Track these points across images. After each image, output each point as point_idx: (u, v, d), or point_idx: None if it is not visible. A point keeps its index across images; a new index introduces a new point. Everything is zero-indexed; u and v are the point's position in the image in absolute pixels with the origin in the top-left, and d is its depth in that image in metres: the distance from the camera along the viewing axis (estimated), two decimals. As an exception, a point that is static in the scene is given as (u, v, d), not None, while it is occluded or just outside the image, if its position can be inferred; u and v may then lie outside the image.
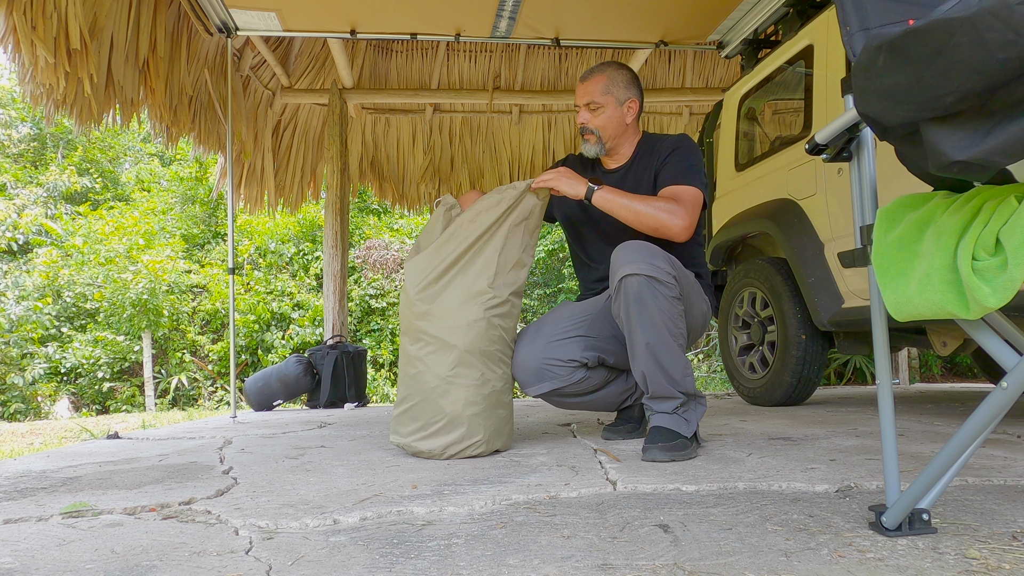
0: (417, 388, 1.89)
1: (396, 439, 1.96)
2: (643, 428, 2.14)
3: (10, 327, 8.59)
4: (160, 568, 0.98)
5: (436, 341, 1.87)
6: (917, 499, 1.01)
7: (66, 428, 5.51)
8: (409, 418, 1.91)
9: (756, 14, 3.77)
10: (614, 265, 1.81)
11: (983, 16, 0.68)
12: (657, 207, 1.90)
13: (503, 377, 1.94)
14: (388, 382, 9.30)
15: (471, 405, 1.85)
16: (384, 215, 11.62)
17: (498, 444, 1.93)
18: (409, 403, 1.91)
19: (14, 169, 11.35)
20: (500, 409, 1.93)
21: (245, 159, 5.17)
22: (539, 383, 1.96)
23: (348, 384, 4.43)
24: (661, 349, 1.77)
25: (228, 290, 5.00)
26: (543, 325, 2.03)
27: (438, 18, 4.00)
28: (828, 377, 5.82)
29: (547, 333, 1.99)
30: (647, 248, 1.79)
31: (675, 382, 1.80)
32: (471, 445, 1.86)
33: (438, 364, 1.86)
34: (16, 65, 3.07)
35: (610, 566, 0.94)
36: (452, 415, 1.84)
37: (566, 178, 1.93)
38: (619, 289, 1.79)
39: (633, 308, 1.76)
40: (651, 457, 1.74)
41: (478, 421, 1.86)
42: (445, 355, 1.86)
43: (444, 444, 1.85)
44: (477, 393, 1.86)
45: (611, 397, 2.13)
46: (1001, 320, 0.94)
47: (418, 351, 1.89)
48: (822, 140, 1.10)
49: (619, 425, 2.19)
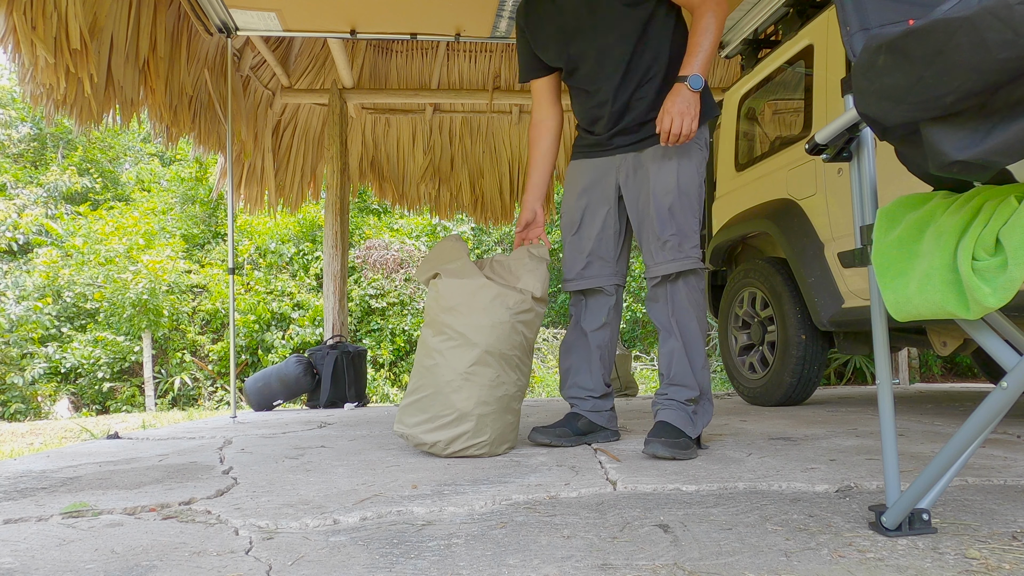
0: (431, 380, 1.89)
1: (400, 428, 1.95)
2: (573, 439, 2.03)
3: (10, 327, 8.59)
4: (160, 568, 0.98)
5: (459, 337, 1.88)
6: (917, 499, 1.01)
7: (66, 428, 5.51)
8: (418, 409, 1.91)
9: (756, 14, 3.77)
10: (648, 249, 1.97)
11: (983, 16, 0.68)
12: (715, 31, 1.84)
13: (517, 383, 1.96)
14: (388, 382, 9.30)
15: (482, 404, 1.86)
16: (384, 215, 11.62)
17: (501, 450, 1.94)
18: (420, 394, 1.91)
19: (14, 169, 11.35)
20: (509, 415, 1.95)
21: (245, 159, 5.17)
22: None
23: (348, 384, 4.43)
24: (692, 338, 1.94)
25: (228, 290, 5.00)
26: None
27: (438, 18, 4.00)
28: (828, 377, 5.82)
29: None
30: (679, 222, 1.92)
31: (696, 372, 1.93)
32: (475, 444, 1.87)
33: (457, 359, 1.87)
34: (16, 65, 3.07)
35: (610, 566, 0.94)
36: (462, 411, 1.85)
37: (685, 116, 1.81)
38: (662, 286, 1.98)
39: (676, 306, 1.96)
40: (652, 451, 1.75)
41: (486, 421, 1.87)
42: (465, 351, 1.87)
43: (449, 438, 1.85)
44: (490, 394, 1.87)
45: (609, 352, 2.13)
46: (1001, 320, 0.94)
47: (439, 343, 1.90)
48: (822, 140, 1.10)
49: (554, 428, 2.05)
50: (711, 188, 3.91)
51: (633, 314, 10.34)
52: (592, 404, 2.09)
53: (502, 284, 1.96)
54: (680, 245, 1.93)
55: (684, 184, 1.93)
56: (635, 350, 10.01)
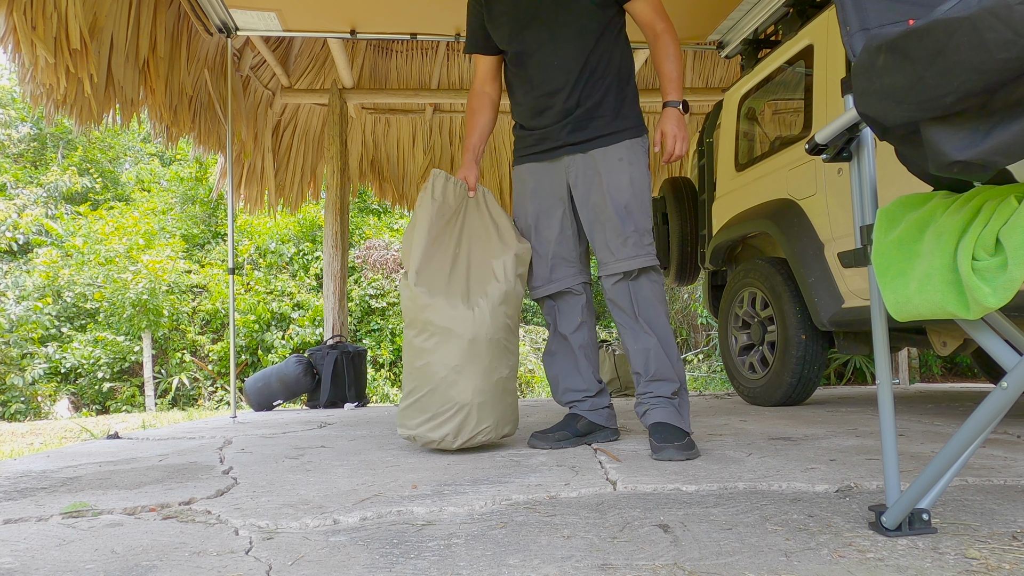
0: (425, 379, 1.89)
1: (404, 432, 1.96)
2: (574, 441, 2.04)
3: (10, 327, 8.59)
4: (160, 568, 0.98)
5: (442, 331, 1.87)
6: (917, 499, 1.01)
7: (66, 428, 5.51)
8: (417, 410, 1.91)
9: (756, 14, 3.77)
10: (605, 246, 1.98)
11: (983, 16, 0.68)
12: (678, 56, 1.98)
13: (509, 364, 1.97)
14: (388, 382, 9.30)
15: (480, 393, 1.87)
16: (384, 215, 11.62)
17: (506, 429, 1.96)
18: (417, 395, 1.91)
19: (14, 169, 11.35)
20: (508, 396, 1.96)
21: (245, 159, 5.17)
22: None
23: (348, 384, 4.43)
24: (664, 332, 1.97)
25: (228, 290, 5.00)
26: None
27: (438, 18, 4.00)
28: (828, 377, 5.82)
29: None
30: (636, 220, 1.96)
31: (674, 364, 1.97)
32: (481, 431, 1.89)
33: (446, 354, 1.87)
34: (16, 65, 3.07)
35: (610, 566, 0.94)
36: (462, 403, 1.86)
37: (684, 138, 1.94)
38: (623, 284, 1.98)
39: (642, 303, 1.98)
40: (668, 456, 1.76)
41: (487, 408, 1.88)
42: (453, 345, 1.87)
43: (455, 431, 1.86)
44: (485, 381, 1.88)
45: (592, 349, 2.16)
46: (1001, 320, 0.94)
47: (423, 342, 1.90)
48: (822, 140, 1.10)
49: (553, 432, 2.04)
50: (711, 188, 3.91)
51: (633, 314, 10.31)
52: (590, 404, 2.10)
53: (475, 274, 1.96)
54: (640, 242, 1.97)
55: (637, 183, 1.99)
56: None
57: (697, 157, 4.17)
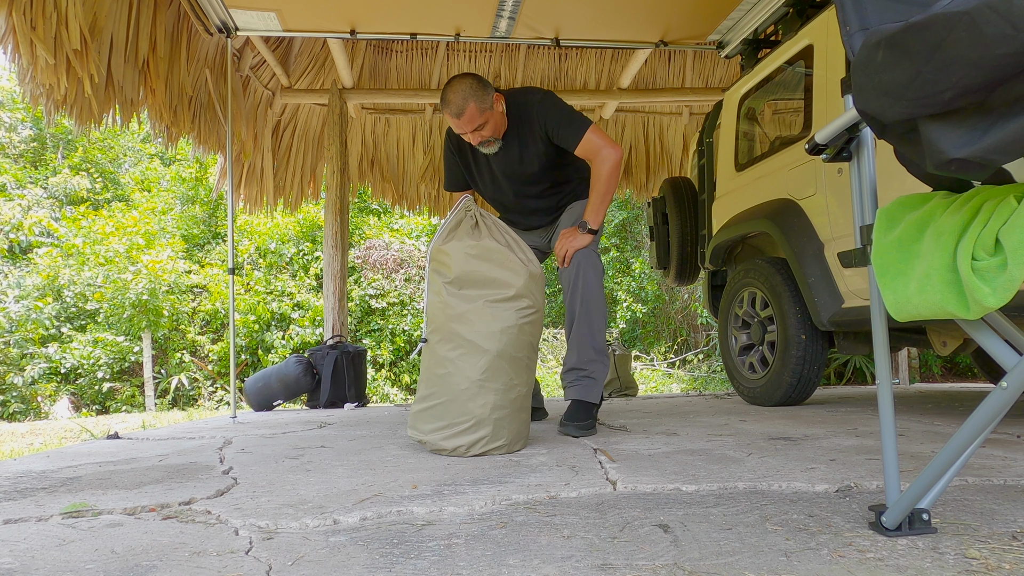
0: (445, 388, 1.91)
1: (415, 435, 1.97)
2: None
3: (10, 327, 8.59)
4: (160, 568, 0.98)
5: (468, 344, 1.90)
6: (917, 499, 1.01)
7: (66, 428, 5.51)
8: (433, 416, 1.93)
9: (756, 14, 3.77)
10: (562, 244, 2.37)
11: (982, 11, 0.68)
12: (606, 182, 2.35)
13: (527, 383, 2.00)
14: (388, 382, 9.30)
15: (498, 409, 1.89)
16: (384, 215, 11.62)
17: (518, 446, 1.98)
18: (433, 401, 1.93)
19: (14, 170, 11.35)
20: (523, 413, 1.99)
21: (245, 159, 5.17)
22: None
23: (348, 384, 4.43)
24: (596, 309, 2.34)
25: (228, 290, 5.00)
26: None
27: (438, 18, 4.00)
28: (828, 377, 5.82)
29: None
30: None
31: (594, 337, 2.31)
32: (495, 448, 1.90)
33: (469, 367, 1.89)
34: (16, 65, 3.07)
35: (610, 566, 0.94)
36: (479, 418, 1.87)
37: (575, 244, 2.36)
38: (576, 270, 2.32)
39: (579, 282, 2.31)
40: (567, 432, 2.24)
41: (503, 424, 1.90)
42: (477, 359, 1.89)
43: (469, 443, 1.88)
44: (504, 398, 1.90)
45: None
46: (1001, 320, 0.94)
47: (448, 352, 1.92)
48: (822, 140, 1.10)
49: None
50: (711, 188, 3.91)
51: (633, 314, 10.33)
52: None
53: (506, 272, 1.97)
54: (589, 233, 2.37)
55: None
56: (635, 350, 10.01)
57: (697, 157, 4.17)
